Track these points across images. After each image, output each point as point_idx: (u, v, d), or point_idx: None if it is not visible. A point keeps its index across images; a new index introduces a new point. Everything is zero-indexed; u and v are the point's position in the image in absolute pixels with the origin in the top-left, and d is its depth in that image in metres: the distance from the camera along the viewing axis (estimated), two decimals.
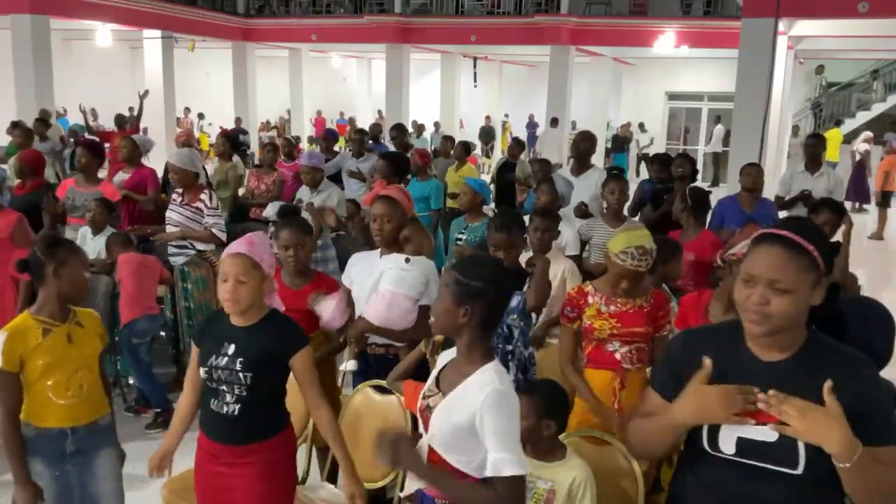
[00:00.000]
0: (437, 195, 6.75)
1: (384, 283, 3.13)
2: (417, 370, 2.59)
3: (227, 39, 18.14)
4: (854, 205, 13.88)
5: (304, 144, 17.79)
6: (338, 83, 24.85)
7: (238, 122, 17.94)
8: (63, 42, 19.21)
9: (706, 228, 4.85)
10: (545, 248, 3.84)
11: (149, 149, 6.71)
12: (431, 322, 2.00)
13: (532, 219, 3.78)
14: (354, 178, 7.13)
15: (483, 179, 5.63)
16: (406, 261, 3.16)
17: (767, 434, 1.58)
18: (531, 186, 6.48)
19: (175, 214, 4.79)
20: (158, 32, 15.63)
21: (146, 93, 10.99)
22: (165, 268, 4.76)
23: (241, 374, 2.30)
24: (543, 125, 15.91)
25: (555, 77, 15.54)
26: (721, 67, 17.79)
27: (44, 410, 2.52)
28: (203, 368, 2.34)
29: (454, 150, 8.65)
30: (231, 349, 2.32)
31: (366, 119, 21.17)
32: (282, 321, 2.44)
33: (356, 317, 3.21)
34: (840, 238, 4.23)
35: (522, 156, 10.02)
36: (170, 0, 15.64)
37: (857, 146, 15.29)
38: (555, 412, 2.42)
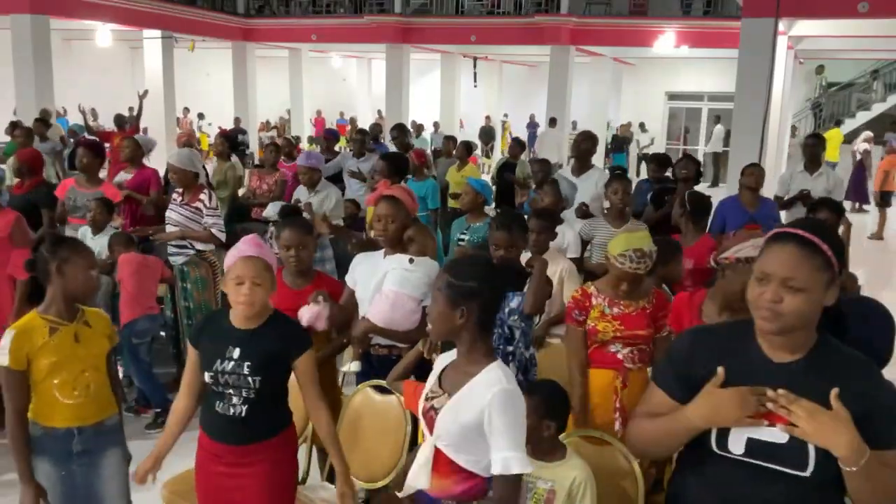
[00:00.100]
0: (434, 195, 6.76)
1: (388, 284, 3.12)
2: (417, 370, 2.59)
3: (227, 39, 18.14)
4: (854, 205, 13.88)
5: (304, 144, 17.77)
6: (338, 83, 24.84)
7: (237, 122, 17.93)
8: (63, 42, 19.20)
9: (707, 232, 4.79)
10: (542, 249, 3.84)
11: (151, 149, 6.71)
12: (429, 329, 2.00)
13: (529, 220, 3.78)
14: (355, 178, 7.14)
15: (485, 180, 5.62)
16: (410, 261, 3.15)
17: (778, 435, 1.58)
18: (530, 187, 6.48)
19: (175, 214, 4.80)
20: (158, 32, 15.62)
21: (146, 93, 10.99)
22: (167, 267, 4.76)
23: (250, 379, 2.30)
24: (544, 125, 15.91)
25: (555, 77, 15.54)
26: (721, 67, 17.79)
27: (50, 410, 2.51)
28: (208, 373, 2.32)
29: (456, 150, 8.65)
30: (236, 353, 2.32)
31: (366, 119, 21.17)
32: (285, 323, 2.44)
33: (360, 317, 3.20)
34: None
35: (523, 156, 10.01)
36: (170, 0, 15.63)
37: (858, 146, 15.29)
38: (555, 412, 2.42)
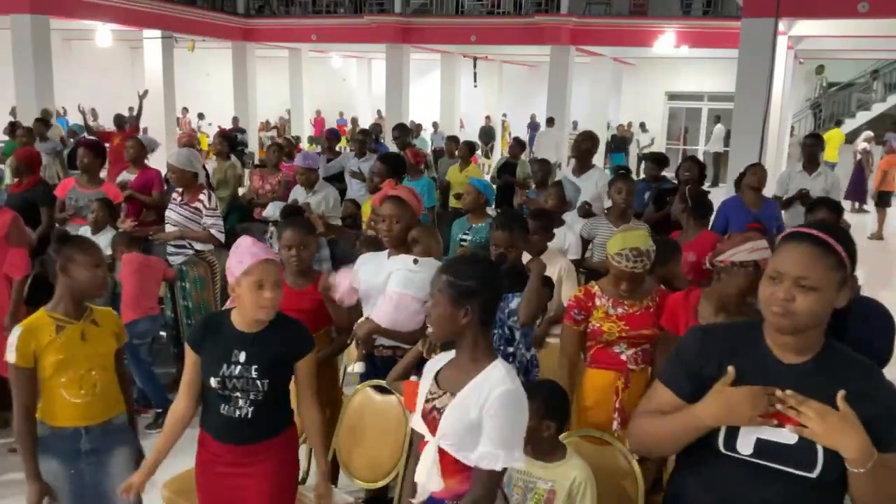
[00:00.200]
0: (430, 193, 6.76)
1: (392, 285, 3.11)
2: (417, 370, 2.58)
3: (227, 39, 18.13)
4: (854, 205, 13.88)
5: (304, 144, 17.76)
6: (338, 83, 24.83)
7: (235, 122, 17.93)
8: (63, 42, 19.20)
9: (708, 229, 4.81)
10: (540, 250, 3.84)
11: (154, 150, 6.72)
12: (431, 332, 1.99)
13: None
14: (356, 178, 7.15)
15: (487, 180, 5.63)
16: (414, 262, 3.13)
17: (787, 436, 1.58)
18: (530, 187, 6.48)
19: (174, 214, 4.81)
20: (158, 32, 15.61)
21: (146, 93, 10.98)
22: (169, 266, 4.76)
23: (259, 382, 2.30)
24: (544, 125, 15.91)
25: (555, 77, 15.53)
26: (721, 67, 17.79)
27: (58, 408, 2.52)
28: (214, 379, 2.30)
29: (458, 150, 8.65)
30: (242, 356, 2.31)
31: (366, 119, 21.17)
32: (289, 324, 2.43)
33: (364, 318, 3.19)
34: None
35: (523, 156, 10.02)
36: (170, 0, 15.63)
37: (858, 146, 15.28)
38: (555, 413, 2.42)
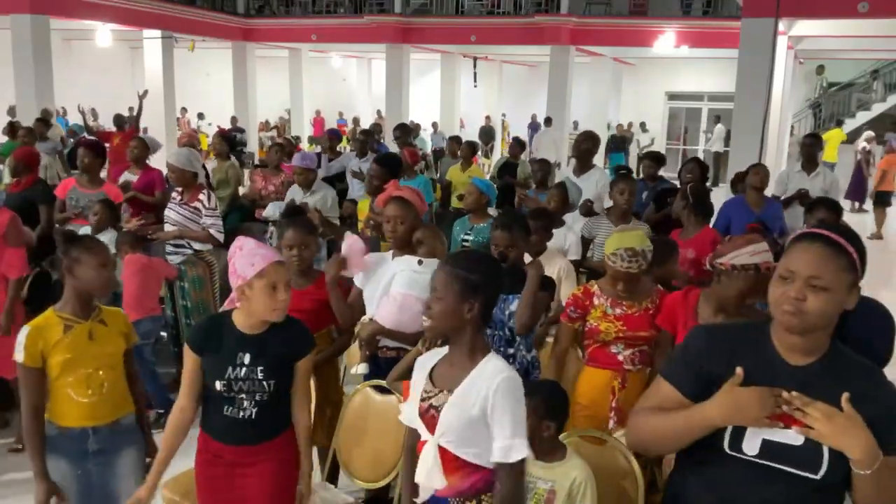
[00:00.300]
0: (428, 192, 6.75)
1: (396, 286, 3.10)
2: None
3: (227, 39, 18.13)
4: (853, 205, 13.88)
5: (304, 144, 17.76)
6: (338, 83, 24.82)
7: (234, 122, 17.92)
8: (63, 42, 19.20)
9: (710, 227, 4.80)
10: (539, 250, 3.83)
11: (156, 150, 6.73)
12: (429, 325, 1.96)
13: None
14: (357, 178, 7.17)
15: (489, 180, 5.63)
16: (419, 263, 3.12)
17: (793, 437, 1.59)
18: (531, 187, 6.47)
19: (173, 213, 4.81)
20: (158, 32, 15.61)
21: (145, 93, 10.97)
22: (172, 267, 4.75)
23: (265, 383, 2.31)
24: (543, 125, 15.91)
25: (555, 77, 15.53)
26: (721, 67, 17.78)
27: (65, 408, 2.52)
28: (220, 381, 2.30)
29: (461, 150, 8.66)
30: (247, 358, 2.32)
31: (366, 119, 21.17)
32: (291, 324, 2.44)
33: (367, 319, 3.19)
34: None
35: (523, 156, 10.02)
36: (170, 0, 15.63)
37: (859, 146, 15.28)
38: (555, 413, 2.41)
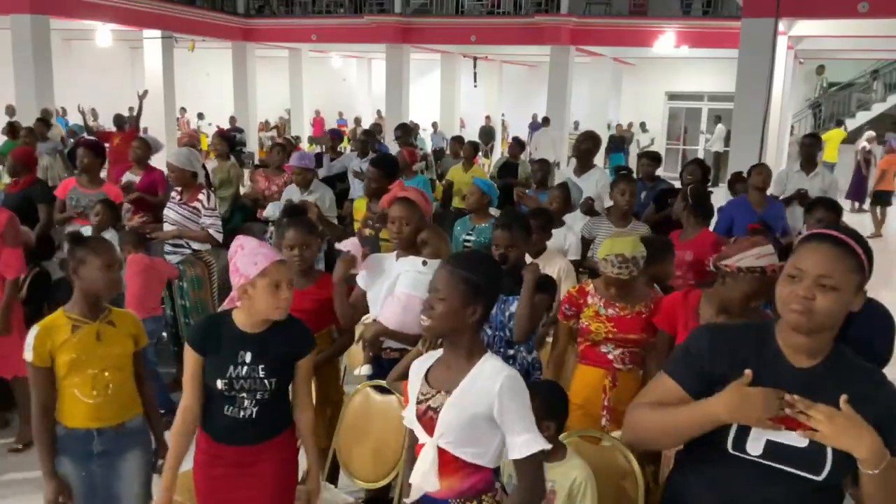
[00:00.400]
0: (427, 191, 6.74)
1: (400, 286, 3.10)
2: None
3: (227, 39, 18.13)
4: (854, 204, 13.87)
5: (304, 145, 17.76)
6: (338, 83, 24.82)
7: (233, 122, 17.91)
8: (63, 42, 19.19)
9: (711, 230, 4.79)
10: (538, 250, 3.83)
11: (158, 151, 6.74)
12: (429, 325, 1.94)
13: None
14: (359, 178, 7.17)
15: (490, 180, 5.62)
16: (423, 263, 3.11)
17: (797, 439, 1.59)
18: (531, 186, 6.47)
19: (172, 213, 4.81)
20: (158, 32, 15.61)
21: (145, 93, 10.97)
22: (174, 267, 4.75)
23: (266, 381, 2.32)
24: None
25: (555, 77, 15.54)
26: (721, 67, 17.77)
27: (71, 408, 2.53)
28: (221, 381, 2.30)
29: (463, 151, 8.66)
30: (248, 357, 2.32)
31: (366, 119, 21.16)
32: (292, 323, 2.44)
33: (371, 320, 3.18)
34: None
35: (522, 156, 10.02)
36: (170, 0, 15.63)
37: (859, 146, 15.28)
38: (554, 413, 2.41)
